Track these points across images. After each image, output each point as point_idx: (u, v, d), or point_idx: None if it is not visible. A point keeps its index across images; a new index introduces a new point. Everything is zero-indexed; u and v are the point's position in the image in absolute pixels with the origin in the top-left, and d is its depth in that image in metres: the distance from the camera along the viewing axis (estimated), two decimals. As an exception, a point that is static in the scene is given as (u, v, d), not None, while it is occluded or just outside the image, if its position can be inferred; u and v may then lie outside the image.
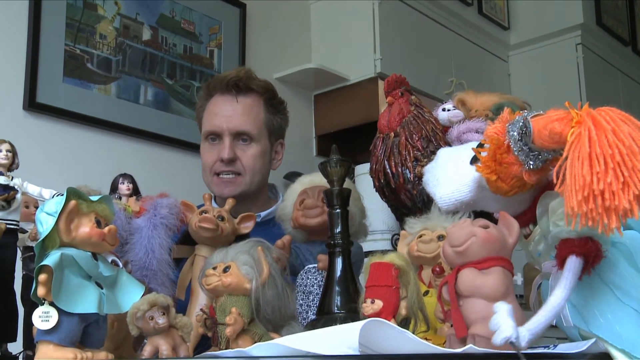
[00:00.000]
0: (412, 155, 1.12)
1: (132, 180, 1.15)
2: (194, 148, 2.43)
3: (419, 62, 3.42)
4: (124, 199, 1.14)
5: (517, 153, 0.75)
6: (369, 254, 0.89)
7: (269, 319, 0.94)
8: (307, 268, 1.13)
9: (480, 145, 0.81)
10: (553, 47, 4.04)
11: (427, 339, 0.78)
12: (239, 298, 0.92)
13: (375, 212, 1.37)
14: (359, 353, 0.69)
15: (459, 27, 3.79)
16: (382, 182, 1.15)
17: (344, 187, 1.04)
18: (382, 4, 3.26)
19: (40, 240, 0.84)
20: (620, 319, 0.73)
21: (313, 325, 0.96)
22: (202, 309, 0.97)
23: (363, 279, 0.90)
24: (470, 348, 0.70)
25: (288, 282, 1.01)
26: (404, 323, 0.82)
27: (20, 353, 1.00)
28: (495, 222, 0.79)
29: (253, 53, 3.12)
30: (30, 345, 0.96)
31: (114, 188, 1.14)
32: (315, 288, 1.09)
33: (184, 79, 2.84)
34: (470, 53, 3.86)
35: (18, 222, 0.98)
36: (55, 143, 2.41)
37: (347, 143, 3.12)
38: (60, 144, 2.42)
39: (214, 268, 0.95)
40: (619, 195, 0.64)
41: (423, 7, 3.53)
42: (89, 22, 2.55)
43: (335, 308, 0.97)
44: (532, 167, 0.75)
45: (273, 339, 0.82)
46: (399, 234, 1.05)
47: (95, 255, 0.87)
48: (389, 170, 1.13)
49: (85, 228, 0.85)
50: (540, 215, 0.81)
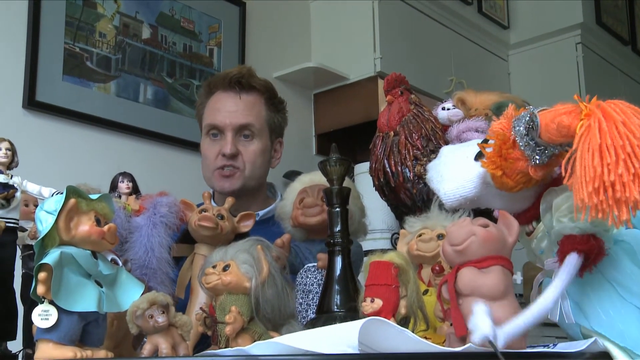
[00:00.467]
0: (411, 154, 1.12)
1: (131, 179, 1.15)
2: (194, 147, 2.43)
3: (419, 61, 3.41)
4: (124, 198, 1.13)
5: (523, 148, 0.75)
6: (369, 253, 0.89)
7: (269, 318, 0.94)
8: (306, 267, 1.13)
9: (485, 141, 0.80)
10: (553, 46, 4.04)
11: (426, 338, 0.78)
12: (239, 297, 0.92)
13: (375, 211, 1.38)
14: (359, 352, 0.69)
15: (459, 26, 3.78)
16: (381, 180, 1.15)
17: (344, 185, 1.04)
18: (381, 3, 3.25)
19: (40, 239, 0.84)
20: (623, 317, 0.73)
21: (313, 324, 0.96)
22: (201, 308, 0.97)
23: (363, 278, 0.90)
24: (470, 347, 0.70)
25: (288, 280, 1.01)
26: (404, 322, 0.82)
27: (20, 351, 1.00)
28: (495, 221, 0.79)
29: (253, 52, 3.11)
30: (30, 344, 0.96)
31: (114, 186, 1.14)
32: (315, 287, 1.09)
33: (184, 78, 2.84)
34: (470, 52, 3.86)
35: (17, 220, 0.98)
36: (55, 141, 2.40)
37: (346, 142, 3.12)
38: (60, 143, 2.42)
39: (214, 267, 0.95)
40: (630, 187, 0.63)
41: (423, 6, 3.53)
42: (89, 20, 2.54)
43: (335, 307, 0.97)
44: (538, 162, 0.75)
45: (273, 338, 0.82)
46: (399, 233, 1.05)
47: (95, 254, 0.87)
48: (389, 169, 1.13)
49: (85, 226, 0.85)
50: (544, 212, 0.81)
